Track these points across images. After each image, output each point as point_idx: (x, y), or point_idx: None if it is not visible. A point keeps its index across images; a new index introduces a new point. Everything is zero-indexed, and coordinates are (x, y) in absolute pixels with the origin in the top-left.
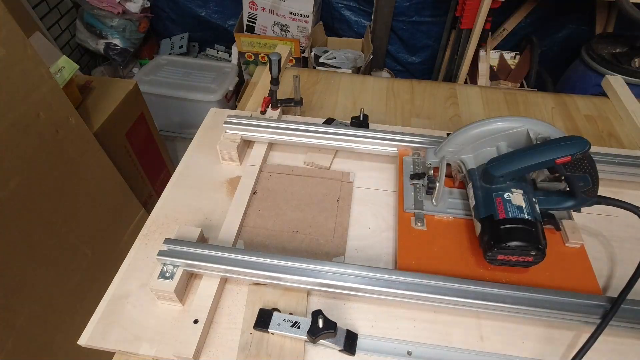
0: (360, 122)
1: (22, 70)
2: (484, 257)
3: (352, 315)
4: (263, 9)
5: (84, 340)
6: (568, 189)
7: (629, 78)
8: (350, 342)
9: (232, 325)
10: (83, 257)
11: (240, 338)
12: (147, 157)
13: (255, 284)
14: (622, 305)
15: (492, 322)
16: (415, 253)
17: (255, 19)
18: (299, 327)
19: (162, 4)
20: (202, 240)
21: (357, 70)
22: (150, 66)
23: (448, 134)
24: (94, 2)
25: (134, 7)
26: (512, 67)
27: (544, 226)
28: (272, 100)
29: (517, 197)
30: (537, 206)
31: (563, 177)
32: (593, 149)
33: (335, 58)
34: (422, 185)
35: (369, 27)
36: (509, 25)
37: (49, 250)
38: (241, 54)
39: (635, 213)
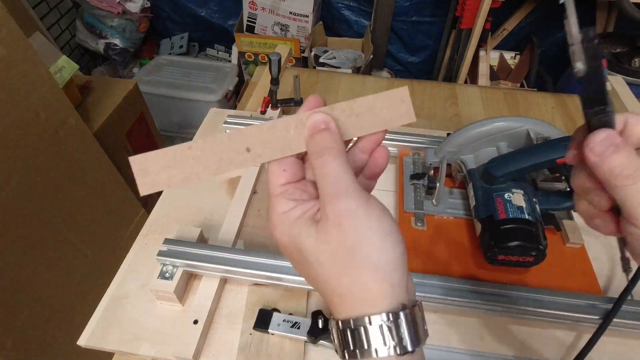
0: None
1: (22, 70)
2: (484, 257)
3: None
4: (263, 8)
5: (83, 340)
6: (568, 189)
7: (629, 78)
8: None
9: (232, 326)
10: (83, 257)
11: (240, 338)
12: None
13: (255, 284)
14: (623, 306)
15: (492, 322)
16: (415, 253)
17: (255, 19)
18: (299, 328)
19: (162, 4)
20: (202, 241)
21: (357, 70)
22: (150, 66)
23: (448, 134)
24: (94, 2)
25: (134, 7)
26: (512, 67)
27: (544, 226)
28: (272, 100)
29: (517, 197)
30: (537, 206)
31: (563, 177)
32: None
33: (335, 58)
34: (422, 185)
35: (369, 27)
36: (509, 25)
37: (49, 250)
38: (241, 54)
39: None
